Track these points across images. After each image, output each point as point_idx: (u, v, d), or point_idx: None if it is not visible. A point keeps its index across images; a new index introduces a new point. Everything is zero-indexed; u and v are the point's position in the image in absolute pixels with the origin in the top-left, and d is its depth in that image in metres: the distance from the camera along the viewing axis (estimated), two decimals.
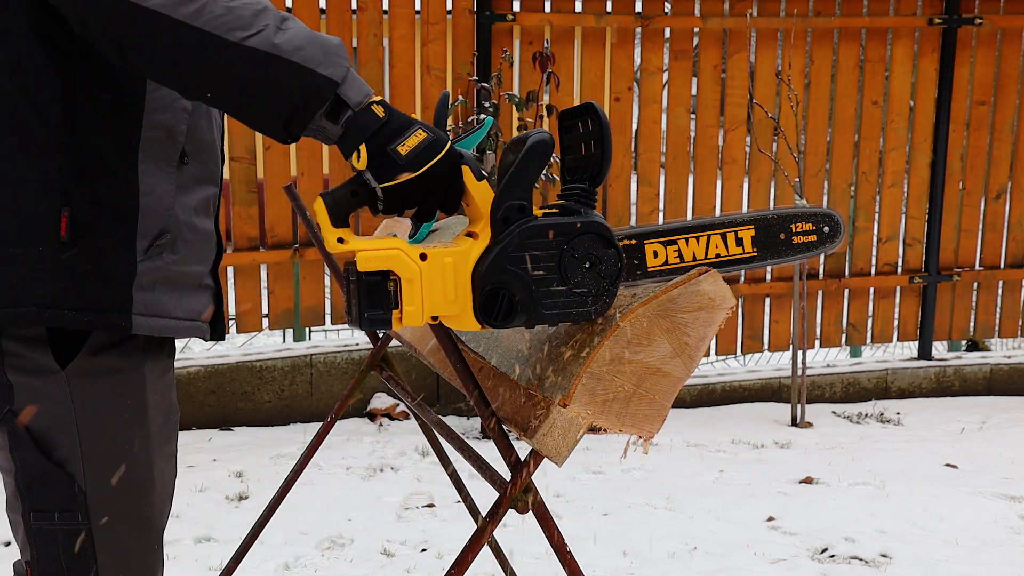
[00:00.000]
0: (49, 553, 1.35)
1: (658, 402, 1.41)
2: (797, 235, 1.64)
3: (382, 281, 1.29)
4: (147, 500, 1.41)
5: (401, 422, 4.75)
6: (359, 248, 1.29)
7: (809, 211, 1.65)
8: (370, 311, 1.29)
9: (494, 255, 1.32)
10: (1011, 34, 5.46)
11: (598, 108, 1.39)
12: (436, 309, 1.32)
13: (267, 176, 4.69)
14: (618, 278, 1.37)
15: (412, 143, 1.27)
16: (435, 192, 1.31)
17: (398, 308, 1.30)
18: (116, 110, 1.32)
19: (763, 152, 5.09)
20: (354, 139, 1.26)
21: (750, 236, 1.60)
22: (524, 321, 1.34)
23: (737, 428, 4.82)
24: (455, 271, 1.32)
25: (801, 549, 3.29)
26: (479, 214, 1.34)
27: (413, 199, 1.31)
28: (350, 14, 4.68)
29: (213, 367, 4.65)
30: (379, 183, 1.27)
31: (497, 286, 1.32)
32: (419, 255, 1.30)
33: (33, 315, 1.28)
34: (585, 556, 3.11)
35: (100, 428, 1.35)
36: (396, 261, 1.29)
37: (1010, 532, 3.48)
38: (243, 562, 2.54)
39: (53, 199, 1.28)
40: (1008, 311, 5.74)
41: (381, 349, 2.35)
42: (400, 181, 1.27)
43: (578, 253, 1.34)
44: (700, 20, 5.08)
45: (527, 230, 1.33)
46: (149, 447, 1.40)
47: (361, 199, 1.31)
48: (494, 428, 1.50)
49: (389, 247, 1.30)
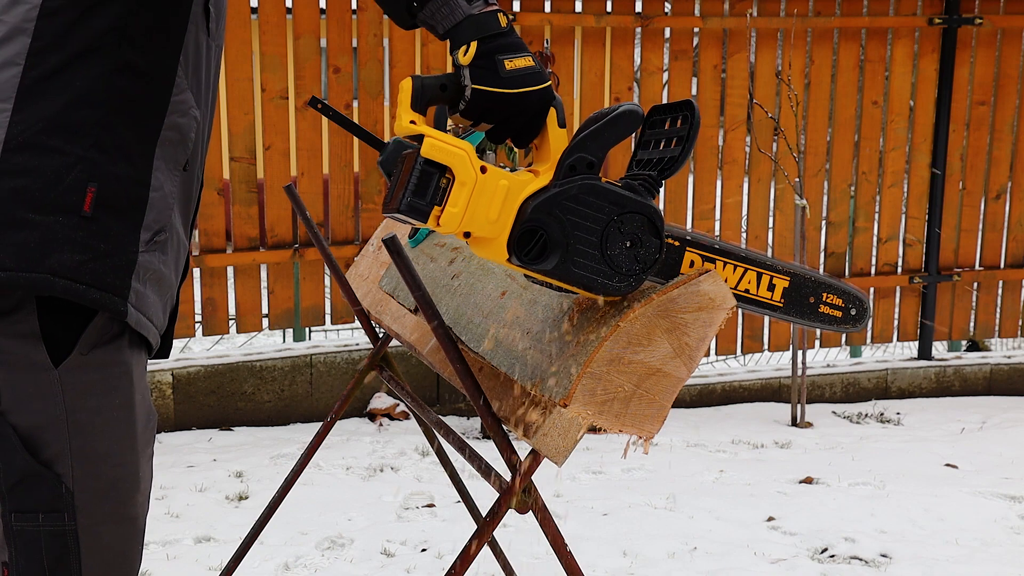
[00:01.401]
0: (30, 555, 1.33)
1: (658, 402, 1.41)
2: (824, 304, 1.65)
3: (436, 174, 1.29)
4: (133, 500, 1.40)
5: (401, 422, 4.75)
6: (430, 134, 1.29)
7: (844, 288, 1.66)
8: (414, 198, 1.28)
9: (548, 196, 1.32)
10: (1011, 34, 5.46)
11: (695, 108, 1.39)
12: (474, 224, 1.32)
13: (267, 176, 4.69)
14: (651, 268, 1.36)
15: (520, 64, 1.30)
16: (517, 118, 1.33)
17: (441, 206, 1.30)
18: (146, 102, 1.34)
19: (763, 152, 5.09)
20: (470, 33, 1.29)
21: (783, 287, 1.61)
22: (550, 269, 1.33)
23: (737, 428, 4.82)
24: (507, 195, 1.32)
25: (801, 549, 3.29)
26: (548, 157, 1.34)
27: (494, 115, 1.33)
28: (350, 14, 4.68)
29: (213, 367, 4.65)
30: (474, 84, 1.29)
31: (539, 225, 1.32)
32: (480, 167, 1.30)
33: (47, 282, 1.27)
34: (585, 556, 3.11)
35: (90, 427, 1.34)
36: (458, 161, 1.29)
37: (1010, 532, 3.48)
38: (243, 562, 2.54)
39: (81, 173, 1.29)
40: (1008, 311, 5.74)
41: (381, 349, 2.35)
42: (494, 91, 1.28)
43: (625, 228, 1.34)
44: (700, 20, 5.08)
45: (588, 186, 1.33)
46: (135, 447, 1.40)
47: (447, 95, 1.32)
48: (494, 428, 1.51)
49: (457, 145, 1.29)
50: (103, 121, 1.31)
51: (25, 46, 1.29)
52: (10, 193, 1.27)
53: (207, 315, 4.71)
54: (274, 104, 4.62)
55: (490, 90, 1.29)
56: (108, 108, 1.31)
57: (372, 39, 4.69)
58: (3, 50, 1.30)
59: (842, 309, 1.67)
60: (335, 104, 4.67)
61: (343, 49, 4.69)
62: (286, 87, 4.64)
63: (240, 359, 4.71)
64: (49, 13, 1.30)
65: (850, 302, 1.67)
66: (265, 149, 4.66)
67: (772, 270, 1.58)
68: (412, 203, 1.29)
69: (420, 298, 1.46)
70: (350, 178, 4.80)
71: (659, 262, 1.37)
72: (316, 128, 4.73)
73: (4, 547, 1.35)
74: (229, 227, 4.71)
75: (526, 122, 1.34)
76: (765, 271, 1.60)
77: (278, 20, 4.57)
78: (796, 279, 1.62)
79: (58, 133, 1.29)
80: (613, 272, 1.35)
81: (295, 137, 4.68)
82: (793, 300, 1.62)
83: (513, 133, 1.35)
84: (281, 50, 4.59)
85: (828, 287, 1.65)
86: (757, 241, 5.35)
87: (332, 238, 4.82)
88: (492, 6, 1.30)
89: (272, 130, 4.64)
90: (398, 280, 2.03)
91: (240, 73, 4.54)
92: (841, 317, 1.67)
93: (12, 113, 1.28)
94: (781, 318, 1.64)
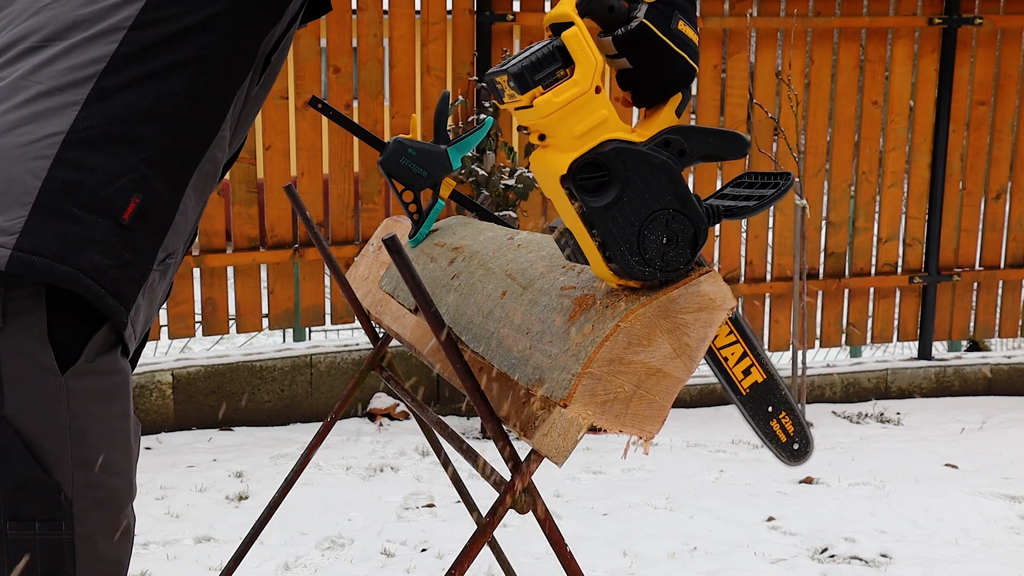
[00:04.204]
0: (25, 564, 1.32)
1: (658, 402, 1.41)
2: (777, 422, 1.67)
3: (561, 63, 1.28)
4: (126, 509, 1.40)
5: (401, 422, 4.75)
6: (580, 25, 1.28)
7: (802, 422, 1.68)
8: (529, 68, 1.27)
9: (633, 148, 1.31)
10: (1011, 34, 5.46)
11: (791, 178, 1.39)
12: (557, 128, 1.31)
13: (267, 176, 4.69)
14: (670, 272, 1.36)
15: (689, 33, 1.31)
16: (657, 73, 1.33)
17: (545, 90, 1.28)
18: (199, 130, 1.39)
19: (763, 152, 5.09)
20: None
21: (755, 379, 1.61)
22: (591, 208, 1.32)
23: (737, 428, 4.82)
24: (602, 123, 1.31)
25: (801, 549, 3.29)
26: (651, 127, 1.34)
27: (640, 56, 1.32)
28: (350, 14, 4.68)
29: (213, 367, 4.65)
30: (645, 18, 1.29)
31: (609, 166, 1.31)
32: (598, 86, 1.29)
33: (75, 278, 1.28)
34: (585, 556, 3.11)
35: (91, 435, 1.34)
36: (588, 64, 1.28)
37: (1010, 532, 3.48)
38: (243, 562, 2.54)
39: (130, 182, 1.31)
40: (1008, 311, 5.75)
41: (381, 349, 2.35)
42: (657, 34, 1.29)
43: (672, 224, 1.34)
44: (700, 20, 5.08)
45: (668, 167, 1.33)
46: (130, 455, 1.40)
47: (610, 17, 1.30)
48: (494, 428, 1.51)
49: (596, 53, 1.29)
50: (161, 139, 1.34)
51: (110, 51, 1.32)
52: (62, 184, 1.28)
53: (207, 315, 4.71)
54: (274, 104, 4.62)
55: (655, 32, 1.29)
56: (168, 127, 1.34)
57: (372, 39, 4.69)
58: (90, 49, 1.32)
59: (789, 437, 1.67)
60: (335, 104, 4.67)
61: (343, 49, 4.68)
62: (286, 87, 4.65)
63: (240, 359, 4.71)
64: (142, 26, 1.33)
65: (799, 436, 1.68)
66: (265, 149, 4.66)
67: (758, 360, 1.59)
68: (524, 70, 1.27)
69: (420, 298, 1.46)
70: (350, 178, 4.80)
71: (678, 273, 1.37)
72: (316, 128, 4.73)
73: None
74: (229, 227, 4.72)
75: (659, 82, 1.34)
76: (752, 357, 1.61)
77: None
78: (771, 382, 1.63)
79: (119, 138, 1.31)
80: (637, 251, 1.34)
81: (295, 137, 4.69)
82: (756, 398, 1.63)
83: (642, 86, 1.35)
84: None
85: (791, 411, 1.65)
86: (757, 241, 5.35)
87: (332, 238, 4.82)
88: None
89: (272, 130, 4.64)
90: (398, 280, 2.03)
91: None
92: (784, 443, 1.68)
93: (81, 108, 1.30)
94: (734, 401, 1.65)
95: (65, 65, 1.32)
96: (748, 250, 5.37)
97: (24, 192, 1.27)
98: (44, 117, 1.30)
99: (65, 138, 1.29)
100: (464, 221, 2.09)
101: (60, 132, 1.29)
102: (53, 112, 1.30)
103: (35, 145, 1.28)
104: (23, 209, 1.26)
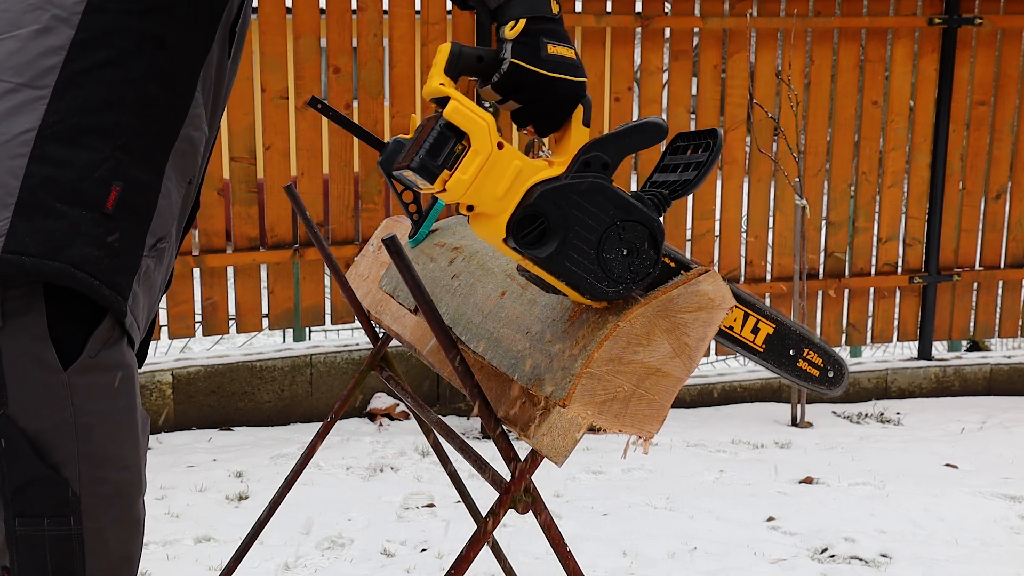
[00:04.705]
0: (34, 560, 1.33)
1: (658, 402, 1.41)
2: (804, 360, 1.65)
3: (454, 140, 1.30)
4: (136, 504, 1.40)
5: (401, 422, 4.75)
6: (457, 98, 1.30)
7: (827, 350, 1.66)
8: (427, 157, 1.29)
9: (557, 186, 1.32)
10: (1011, 34, 5.46)
11: (719, 136, 1.39)
12: (479, 198, 1.32)
13: (267, 176, 4.69)
14: (642, 280, 1.36)
15: (562, 52, 1.32)
16: (545, 103, 1.34)
17: (451, 171, 1.30)
18: (168, 111, 1.37)
19: (763, 152, 5.09)
20: (521, 9, 1.31)
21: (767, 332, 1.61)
22: (543, 259, 1.33)
23: (737, 428, 4.82)
24: (517, 176, 1.32)
25: (801, 549, 3.29)
26: (566, 151, 1.35)
27: (524, 94, 1.34)
28: (350, 14, 4.68)
29: (213, 367, 4.65)
30: (513, 58, 1.30)
31: (542, 212, 1.32)
32: (498, 142, 1.31)
33: (68, 273, 1.28)
34: (585, 556, 3.11)
35: (97, 430, 1.34)
36: (478, 130, 1.30)
37: (1010, 532, 3.48)
38: (243, 562, 2.54)
39: (108, 171, 1.31)
40: (1008, 311, 5.74)
41: (381, 349, 2.35)
42: (531, 69, 1.30)
43: (625, 236, 1.34)
44: (700, 20, 5.08)
45: (598, 186, 1.33)
46: (138, 449, 1.40)
47: (482, 66, 1.33)
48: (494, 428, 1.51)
49: (480, 115, 1.30)
50: (132, 123, 1.33)
51: (69, 37, 1.31)
52: (40, 181, 1.28)
53: (207, 315, 4.71)
54: (274, 104, 4.62)
55: (528, 67, 1.31)
56: (137, 111, 1.33)
57: (372, 39, 4.69)
58: (47, 37, 1.31)
59: (820, 368, 1.67)
60: (335, 104, 4.67)
61: (343, 49, 4.69)
62: (286, 87, 4.64)
63: (240, 359, 4.71)
64: (96, 9, 1.32)
65: (829, 363, 1.67)
66: (265, 149, 4.66)
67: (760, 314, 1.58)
68: (424, 161, 1.29)
69: (420, 298, 1.46)
70: (350, 178, 4.80)
71: (651, 277, 1.37)
72: (316, 128, 4.73)
73: (5, 552, 1.33)
74: (229, 227, 4.71)
75: (553, 109, 1.35)
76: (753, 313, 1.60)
77: (278, 20, 4.58)
78: (781, 328, 1.62)
79: (90, 128, 1.31)
80: (604, 275, 1.35)
81: (295, 137, 4.68)
82: (774, 348, 1.62)
83: (537, 118, 1.36)
84: (281, 50, 4.59)
85: (811, 344, 1.65)
86: (757, 241, 5.35)
87: (332, 238, 4.82)
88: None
89: (272, 130, 4.64)
90: (398, 280, 2.03)
91: (240, 73, 4.53)
92: (818, 376, 1.67)
93: (50, 101, 1.29)
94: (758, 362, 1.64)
95: (25, 58, 1.30)
96: (748, 250, 5.37)
97: (5, 192, 1.26)
98: (13, 115, 1.29)
99: (38, 134, 1.28)
100: (464, 221, 2.09)
101: (32, 128, 1.28)
102: (22, 108, 1.29)
103: (9, 144, 1.28)
104: (6, 210, 1.26)
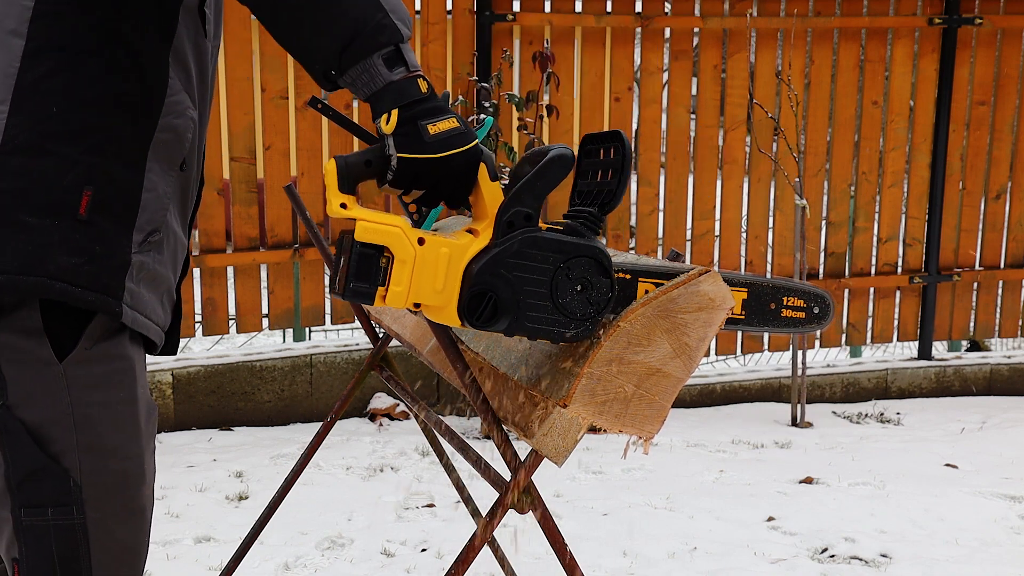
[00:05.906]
0: (40, 550, 1.34)
1: (658, 402, 1.41)
2: (786, 308, 1.64)
3: (375, 255, 1.28)
4: (140, 493, 1.42)
5: (401, 422, 4.75)
6: (360, 217, 1.28)
7: (803, 288, 1.65)
8: (356, 282, 1.28)
9: (490, 256, 1.31)
10: (1011, 34, 5.46)
11: (624, 138, 1.38)
12: (422, 296, 1.31)
13: (267, 176, 4.69)
14: (606, 307, 1.35)
15: (443, 127, 1.29)
16: (447, 181, 1.32)
17: (385, 286, 1.29)
18: (140, 103, 1.36)
19: (763, 152, 5.09)
20: (392, 100, 1.28)
21: (741, 299, 1.60)
22: (505, 328, 1.33)
23: (737, 428, 4.82)
24: (449, 263, 1.31)
25: (801, 549, 3.29)
26: (484, 214, 1.33)
27: (424, 181, 1.32)
28: None
29: (213, 367, 4.65)
30: (399, 152, 1.28)
31: (486, 287, 1.31)
32: (417, 239, 1.29)
33: (45, 286, 1.28)
34: (585, 556, 3.11)
35: (96, 421, 1.35)
36: (394, 239, 1.29)
37: (1010, 532, 3.48)
38: (243, 562, 2.54)
39: (78, 176, 1.30)
40: (1008, 311, 5.74)
41: (381, 349, 2.35)
42: (419, 157, 1.28)
43: (573, 274, 1.33)
44: (700, 20, 5.08)
45: (529, 240, 1.32)
46: (140, 440, 1.41)
47: (373, 170, 1.30)
48: (494, 428, 1.51)
49: (390, 223, 1.29)
50: (99, 123, 1.32)
51: (20, 48, 1.30)
52: (8, 196, 1.28)
53: (207, 315, 4.71)
54: (274, 104, 4.62)
55: (415, 157, 1.28)
56: (103, 110, 1.32)
57: None
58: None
59: (804, 310, 1.66)
60: (335, 104, 4.66)
61: None
62: (286, 87, 4.64)
63: (240, 359, 4.71)
64: (42, 16, 1.31)
65: (811, 301, 1.66)
66: (265, 149, 4.66)
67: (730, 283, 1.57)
68: (356, 288, 1.28)
69: None
70: None
71: (613, 300, 1.36)
72: (316, 128, 4.73)
73: (14, 543, 1.36)
74: (229, 227, 4.71)
75: (455, 184, 1.33)
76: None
77: None
78: (754, 288, 1.61)
79: (55, 135, 1.30)
80: (568, 319, 1.34)
81: (295, 137, 4.68)
82: (754, 310, 1.61)
83: (445, 196, 1.34)
84: (281, 50, 4.58)
85: (787, 290, 1.64)
86: (757, 241, 5.35)
87: (332, 238, 4.82)
88: (413, 72, 1.29)
89: (272, 130, 4.64)
90: None
91: (240, 73, 4.54)
92: (805, 318, 1.66)
93: (8, 115, 1.29)
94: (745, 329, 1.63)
95: None
96: (748, 250, 5.37)
97: None
98: None
99: (0, 149, 1.28)
100: (464, 221, 2.09)
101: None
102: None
103: None
104: None
